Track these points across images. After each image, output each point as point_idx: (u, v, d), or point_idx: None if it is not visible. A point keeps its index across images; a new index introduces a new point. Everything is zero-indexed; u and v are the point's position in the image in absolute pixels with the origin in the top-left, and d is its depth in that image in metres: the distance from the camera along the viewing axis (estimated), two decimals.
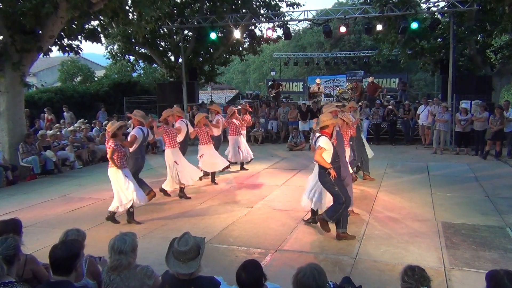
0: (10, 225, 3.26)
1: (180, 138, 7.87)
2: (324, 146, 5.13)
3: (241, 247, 5.16)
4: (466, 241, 5.17)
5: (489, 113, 11.26)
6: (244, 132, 10.38)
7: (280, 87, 20.51)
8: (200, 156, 8.56)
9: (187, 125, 8.31)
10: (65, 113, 15.16)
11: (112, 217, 6.22)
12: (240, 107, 11.00)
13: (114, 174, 6.00)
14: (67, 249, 2.58)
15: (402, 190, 7.79)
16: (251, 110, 9.39)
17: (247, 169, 10.06)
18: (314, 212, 5.87)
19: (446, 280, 4.15)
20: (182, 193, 7.61)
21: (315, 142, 5.34)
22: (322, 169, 5.21)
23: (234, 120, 9.71)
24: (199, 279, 2.69)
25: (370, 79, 18.57)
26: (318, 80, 19.71)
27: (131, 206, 6.07)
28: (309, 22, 16.73)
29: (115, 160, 5.93)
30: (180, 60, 17.18)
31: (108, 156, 6.00)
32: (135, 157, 6.56)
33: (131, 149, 6.50)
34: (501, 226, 5.72)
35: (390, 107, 14.57)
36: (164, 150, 10.13)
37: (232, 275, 2.59)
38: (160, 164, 9.78)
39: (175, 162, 7.38)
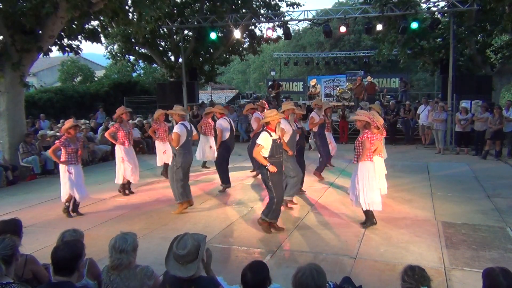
0: (10, 225, 3.25)
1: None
2: (262, 143, 5.28)
3: (241, 247, 5.16)
4: (466, 241, 5.18)
5: (490, 113, 11.26)
6: None
7: (280, 87, 20.52)
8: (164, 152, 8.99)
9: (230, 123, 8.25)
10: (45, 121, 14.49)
11: (66, 210, 6.63)
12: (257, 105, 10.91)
13: (61, 168, 6.56)
14: (70, 250, 2.56)
15: (402, 190, 7.78)
16: (267, 108, 9.18)
17: (208, 167, 10.33)
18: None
19: (446, 280, 4.15)
20: (121, 189, 7.98)
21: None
22: (261, 163, 5.40)
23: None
24: (200, 279, 2.68)
25: (368, 79, 18.74)
26: (312, 82, 19.67)
27: (67, 201, 6.59)
28: (309, 22, 16.70)
29: (60, 157, 6.42)
30: (180, 60, 17.15)
31: (49, 152, 6.62)
32: (183, 153, 6.36)
33: (176, 147, 6.40)
34: (501, 226, 5.72)
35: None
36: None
37: (231, 275, 2.59)
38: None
39: (122, 158, 7.71)
